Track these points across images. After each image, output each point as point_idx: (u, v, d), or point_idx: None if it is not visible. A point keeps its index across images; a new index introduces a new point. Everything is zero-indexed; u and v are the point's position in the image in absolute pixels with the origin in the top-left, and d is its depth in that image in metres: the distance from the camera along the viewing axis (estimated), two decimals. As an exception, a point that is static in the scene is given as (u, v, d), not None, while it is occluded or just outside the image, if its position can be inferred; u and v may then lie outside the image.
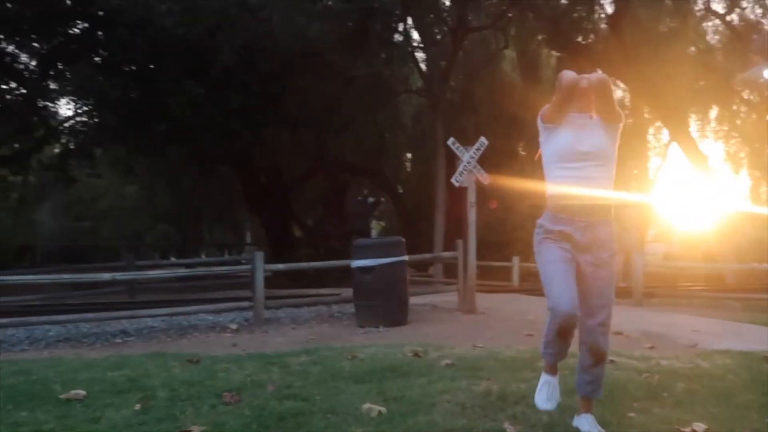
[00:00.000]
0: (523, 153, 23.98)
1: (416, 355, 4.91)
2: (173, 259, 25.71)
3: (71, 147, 14.70)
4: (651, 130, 23.74)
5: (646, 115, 21.67)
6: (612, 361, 4.53)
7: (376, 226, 34.62)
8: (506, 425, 3.10)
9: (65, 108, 14.23)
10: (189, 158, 18.35)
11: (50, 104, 13.53)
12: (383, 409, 3.39)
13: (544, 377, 3.07)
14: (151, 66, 11.02)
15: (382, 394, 3.73)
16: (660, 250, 14.68)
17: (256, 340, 6.33)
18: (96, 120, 13.82)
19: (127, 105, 11.50)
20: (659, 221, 23.11)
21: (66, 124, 14.51)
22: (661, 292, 10.10)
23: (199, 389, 3.93)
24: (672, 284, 12.71)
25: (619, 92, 23.58)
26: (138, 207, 27.54)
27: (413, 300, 8.23)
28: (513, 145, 20.54)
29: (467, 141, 7.51)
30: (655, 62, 17.18)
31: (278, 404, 3.56)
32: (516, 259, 12.77)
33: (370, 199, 11.59)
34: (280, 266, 8.60)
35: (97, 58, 11.50)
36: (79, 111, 13.65)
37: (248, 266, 7.42)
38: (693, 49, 19.28)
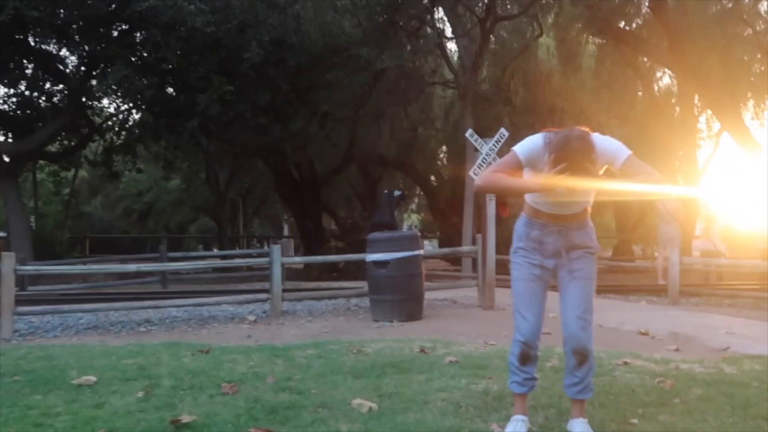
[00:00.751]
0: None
1: (422, 351, 4.81)
2: (207, 251, 26.28)
3: (114, 143, 15.13)
4: (702, 119, 22.80)
5: (696, 103, 20.76)
6: (626, 362, 4.32)
7: (411, 219, 34.60)
8: (494, 427, 2.96)
9: (110, 106, 14.56)
10: (224, 153, 18.68)
11: (95, 103, 13.93)
12: (374, 406, 3.31)
13: (512, 418, 2.90)
14: (183, 64, 11.17)
15: (378, 390, 3.64)
16: (704, 246, 13.99)
17: (270, 331, 6.34)
18: (136, 117, 14.24)
19: (161, 102, 11.72)
20: (709, 215, 22.21)
21: (109, 122, 14.90)
22: (701, 290, 9.62)
23: (203, 379, 3.98)
24: (716, 282, 12.14)
25: (666, 79, 22.80)
26: (181, 200, 28.31)
27: (433, 295, 8.11)
28: (551, 135, 20.05)
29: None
30: (703, 48, 16.39)
31: (273, 396, 3.55)
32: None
33: (397, 192, 11.40)
34: (297, 259, 8.66)
35: (133, 59, 11.73)
36: (120, 109, 14.00)
37: (267, 259, 7.40)
38: (749, 31, 18.29)
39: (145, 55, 11.57)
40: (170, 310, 7.33)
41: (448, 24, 16.63)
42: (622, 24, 18.15)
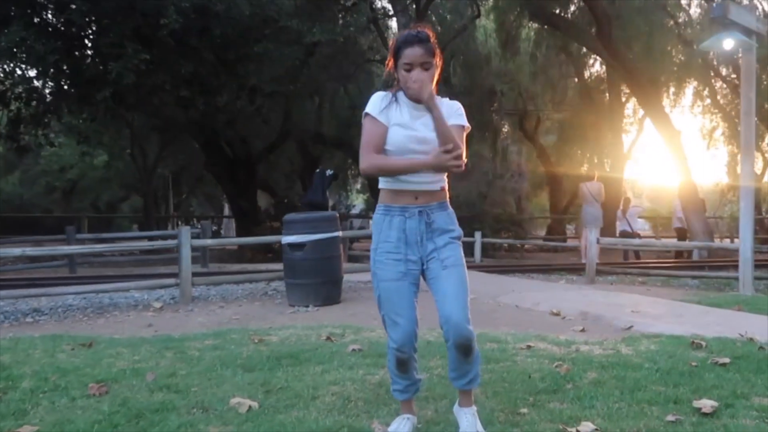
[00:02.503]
0: (505, 127, 23.70)
1: (329, 338, 4.60)
2: (143, 230, 25.20)
3: (22, 114, 14.02)
4: (629, 105, 23.46)
5: (623, 90, 21.30)
6: (529, 346, 4.24)
7: (351, 199, 34.33)
8: (375, 425, 2.77)
9: (13, 72, 13.34)
10: (151, 127, 17.84)
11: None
12: (255, 404, 3.06)
13: (398, 417, 2.75)
14: (91, 28, 10.36)
15: (266, 385, 3.40)
16: (622, 228, 14.38)
17: (175, 320, 5.99)
18: (47, 85, 13.20)
19: (70, 70, 10.89)
20: (632, 196, 22.95)
21: (15, 90, 13.76)
22: (617, 269, 9.83)
23: (71, 379, 3.61)
24: (631, 261, 12.50)
25: (597, 66, 23.27)
26: (108, 178, 27.02)
27: (356, 277, 7.92)
28: (488, 118, 20.14)
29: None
30: (630, 36, 16.73)
31: (147, 397, 3.25)
32: (478, 235, 12.42)
33: (329, 172, 11.14)
34: (209, 242, 8.19)
35: (36, 20, 10.76)
36: (26, 76, 12.92)
37: (174, 242, 6.99)
38: (671, 23, 18.83)
39: (48, 16, 10.62)
40: (66, 298, 6.78)
41: (387, 1, 16.31)
42: (557, 10, 18.29)
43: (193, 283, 6.79)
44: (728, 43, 6.79)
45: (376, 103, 2.54)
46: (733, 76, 18.95)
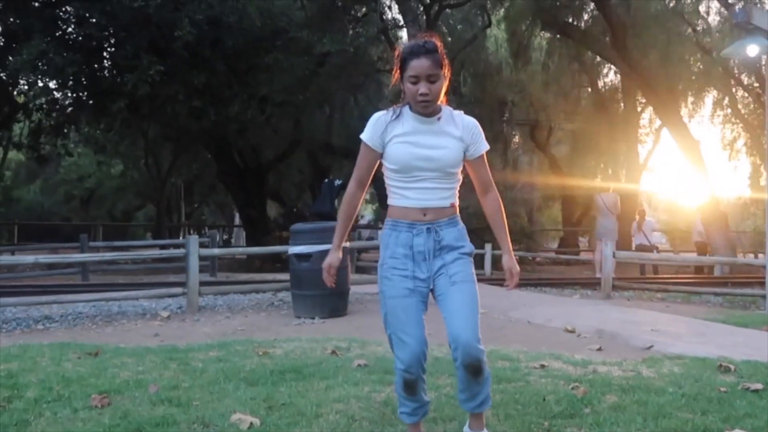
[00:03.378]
0: (516, 137, 23.53)
1: (334, 353, 4.50)
2: (157, 239, 25.29)
3: (43, 125, 14.21)
4: (645, 115, 23.21)
5: (639, 99, 21.07)
6: (542, 366, 4.11)
7: (363, 209, 34.27)
8: (379, 448, 2.68)
9: (36, 85, 13.54)
10: (164, 137, 17.93)
11: (19, 80, 12.96)
12: (257, 421, 2.97)
13: None
14: (109, 41, 10.46)
15: (269, 401, 3.31)
16: (639, 241, 14.16)
17: (182, 329, 5.93)
18: (66, 97, 13.35)
19: (87, 81, 10.99)
20: (648, 209, 22.65)
21: (36, 102, 13.96)
22: (634, 284, 9.63)
23: (75, 389, 3.55)
24: (650, 276, 12.26)
25: (611, 75, 23.08)
26: (124, 186, 27.29)
27: (363, 288, 7.82)
28: (498, 128, 20.00)
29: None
30: (646, 44, 16.58)
31: (148, 410, 3.17)
32: (488, 247, 12.28)
33: (337, 181, 11.06)
34: (216, 251, 8.15)
35: (57, 34, 10.90)
36: (47, 88, 13.10)
37: (183, 252, 6.94)
38: (689, 31, 18.62)
39: (68, 30, 10.76)
40: (77, 306, 6.78)
41: (398, 11, 16.30)
42: (570, 19, 18.20)
43: (200, 293, 6.74)
44: (752, 49, 6.64)
45: (370, 127, 2.49)
46: (756, 84, 18.69)
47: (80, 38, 10.53)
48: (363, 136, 2.48)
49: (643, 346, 5.08)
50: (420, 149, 2.41)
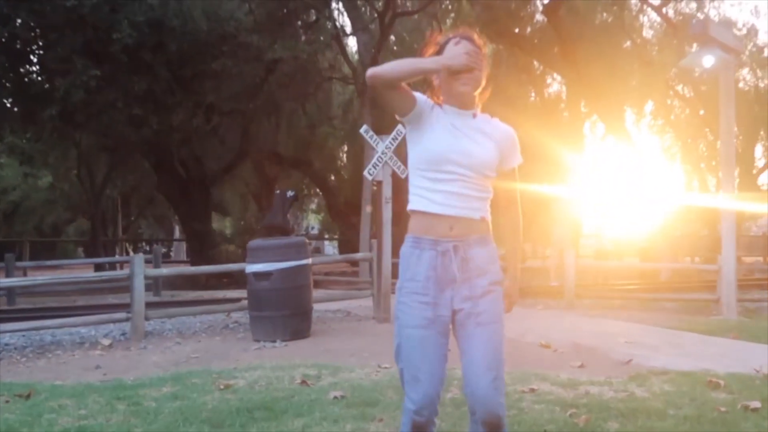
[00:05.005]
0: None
1: (304, 382, 4.08)
2: (89, 256, 23.96)
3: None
4: (587, 124, 23.76)
5: (583, 109, 21.53)
6: (532, 389, 3.82)
7: (308, 219, 33.74)
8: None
9: None
10: (99, 147, 16.93)
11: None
12: (228, 476, 2.55)
13: None
14: (37, 43, 9.64)
15: (239, 448, 2.88)
16: (594, 245, 14.34)
17: (127, 359, 5.35)
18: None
19: (13, 86, 10.12)
20: (594, 216, 23.12)
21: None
22: (593, 293, 9.59)
23: (2, 445, 3.00)
24: (605, 283, 12.34)
25: (555, 86, 23.52)
26: (53, 200, 25.78)
27: (325, 306, 7.41)
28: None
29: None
30: (591, 55, 16.88)
31: (95, 468, 2.67)
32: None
33: (290, 193, 10.56)
34: (164, 271, 7.55)
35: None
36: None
37: (126, 273, 6.34)
38: (629, 43, 19.15)
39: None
40: (2, 336, 6.01)
41: (348, 19, 16.01)
42: (517, 30, 18.38)
43: (146, 317, 6.14)
44: (708, 60, 6.68)
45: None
46: (691, 95, 19.37)
47: (3, 39, 9.66)
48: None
49: (623, 359, 4.94)
50: (457, 140, 2.09)
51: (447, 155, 2.08)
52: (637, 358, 4.91)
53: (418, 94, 2.08)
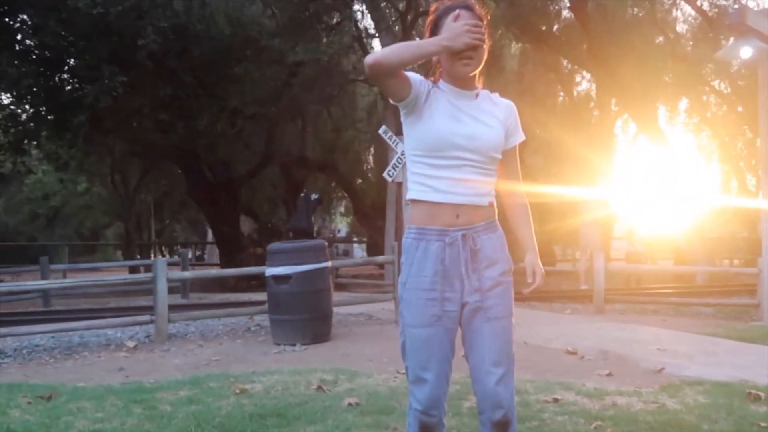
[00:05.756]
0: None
1: (320, 388, 4.01)
2: (128, 259, 24.39)
3: (1, 141, 13.38)
4: (618, 123, 23.26)
5: (614, 108, 21.08)
6: (555, 399, 3.68)
7: (336, 222, 33.81)
8: None
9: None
10: (131, 152, 17.24)
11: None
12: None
13: None
14: (68, 51, 9.80)
15: (248, 456, 2.83)
16: (626, 248, 13.98)
17: (149, 362, 5.37)
18: (25, 111, 12.61)
19: (46, 94, 10.31)
20: (626, 218, 22.63)
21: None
22: (624, 297, 9.32)
23: (16, 448, 3.01)
24: (637, 286, 12.02)
25: (585, 84, 23.09)
26: (91, 204, 26.41)
27: (347, 309, 7.35)
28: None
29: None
30: (621, 52, 16.52)
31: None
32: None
33: (314, 196, 10.57)
34: (187, 274, 7.60)
35: (11, 45, 10.19)
36: (2, 103, 12.34)
37: (150, 276, 6.38)
38: (661, 38, 18.67)
39: (23, 40, 10.07)
40: (34, 338, 6.12)
41: (370, 20, 15.98)
42: (543, 27, 18.10)
43: (170, 320, 6.17)
44: (746, 51, 6.39)
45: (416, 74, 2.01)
46: (727, 90, 18.78)
47: (36, 48, 9.85)
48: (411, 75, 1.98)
49: (654, 368, 4.74)
50: (461, 124, 1.97)
51: (451, 140, 1.95)
52: (669, 366, 4.71)
53: (413, 76, 1.95)
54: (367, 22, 15.72)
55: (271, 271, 5.82)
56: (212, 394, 3.92)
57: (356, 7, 13.74)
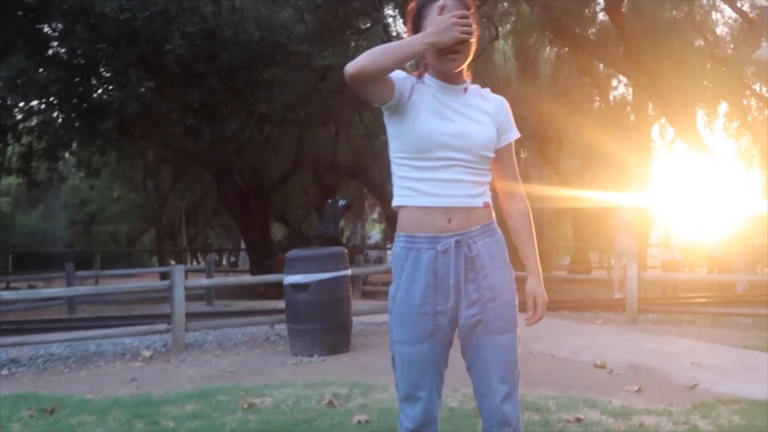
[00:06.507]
0: (524, 153, 23.01)
1: (331, 403, 3.85)
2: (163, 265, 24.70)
3: (34, 148, 13.65)
4: (655, 128, 22.68)
5: (650, 112, 20.54)
6: (578, 419, 3.45)
7: (368, 228, 33.72)
8: None
9: (21, 104, 12.88)
10: (163, 159, 17.44)
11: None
12: None
13: None
14: (96, 56, 9.88)
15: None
16: (663, 255, 13.50)
17: (164, 372, 5.29)
18: (58, 118, 12.82)
19: (73, 99, 10.43)
20: (663, 224, 22.00)
21: (25, 123, 13.39)
22: (659, 307, 8.93)
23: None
24: (673, 296, 11.57)
25: (621, 88, 22.54)
26: (126, 210, 26.89)
27: (369, 319, 7.17)
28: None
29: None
30: (658, 55, 16.07)
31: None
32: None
33: (342, 202, 10.49)
34: (204, 282, 7.53)
35: (40, 50, 10.33)
36: (34, 108, 12.52)
37: (166, 284, 6.32)
38: (700, 41, 18.12)
39: (52, 45, 10.18)
40: (50, 346, 6.10)
41: (402, 24, 15.86)
42: (578, 30, 17.75)
43: (187, 329, 6.08)
44: (785, 52, 6.04)
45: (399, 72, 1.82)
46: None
47: (64, 53, 9.92)
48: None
49: (687, 384, 4.46)
50: (448, 122, 1.81)
51: (436, 139, 1.79)
52: (703, 382, 4.43)
53: (395, 75, 1.79)
54: (399, 27, 15.59)
55: (289, 279, 5.70)
56: (219, 409, 3.80)
57: (387, 11, 13.58)
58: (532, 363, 5.25)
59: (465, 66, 1.84)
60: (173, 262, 23.47)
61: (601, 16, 17.45)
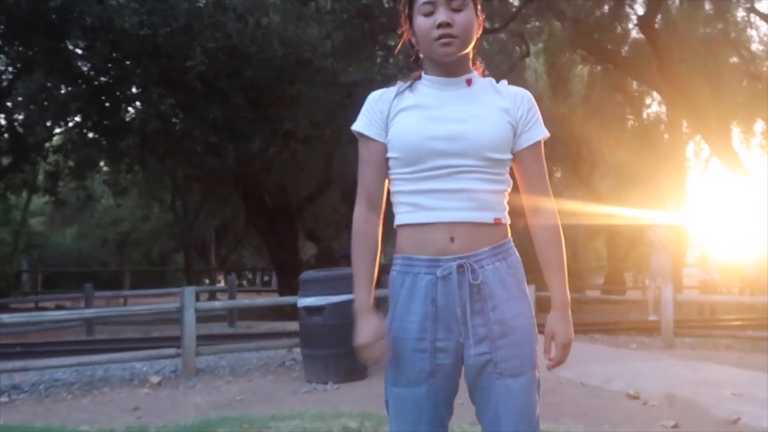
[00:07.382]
0: (557, 172, 22.58)
1: (340, 438, 3.59)
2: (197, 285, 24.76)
3: (61, 167, 13.79)
4: (690, 146, 22.10)
5: (685, 130, 20.01)
6: (608, 462, 3.11)
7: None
8: None
9: (46, 123, 13.02)
10: (190, 178, 17.50)
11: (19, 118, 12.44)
12: None
13: None
14: (117, 73, 9.89)
15: None
16: (701, 276, 12.95)
17: (170, 400, 5.07)
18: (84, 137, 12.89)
19: (93, 117, 10.42)
20: (699, 244, 21.28)
21: (51, 142, 13.57)
22: (696, 330, 8.46)
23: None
24: (711, 318, 11.04)
25: (655, 106, 22.02)
26: (158, 230, 27.07)
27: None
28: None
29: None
30: (693, 72, 15.64)
31: None
32: (532, 289, 11.19)
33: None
34: (216, 304, 7.34)
35: (60, 67, 10.36)
36: (61, 127, 12.64)
37: (174, 305, 6.13)
38: (735, 58, 17.67)
39: (72, 63, 10.22)
40: (55, 371, 5.86)
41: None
42: (610, 47, 17.43)
43: (197, 353, 5.87)
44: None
45: (366, 109, 1.62)
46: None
47: (85, 70, 9.93)
48: (355, 127, 1.64)
49: (728, 418, 4.09)
50: (439, 123, 1.55)
51: (425, 146, 1.53)
52: (746, 416, 4.05)
53: (373, 131, 1.61)
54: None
55: (303, 302, 5.46)
56: (221, 442, 3.56)
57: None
58: (561, 392, 4.90)
59: (470, 53, 1.59)
60: (207, 281, 23.51)
61: (634, 32, 17.16)
